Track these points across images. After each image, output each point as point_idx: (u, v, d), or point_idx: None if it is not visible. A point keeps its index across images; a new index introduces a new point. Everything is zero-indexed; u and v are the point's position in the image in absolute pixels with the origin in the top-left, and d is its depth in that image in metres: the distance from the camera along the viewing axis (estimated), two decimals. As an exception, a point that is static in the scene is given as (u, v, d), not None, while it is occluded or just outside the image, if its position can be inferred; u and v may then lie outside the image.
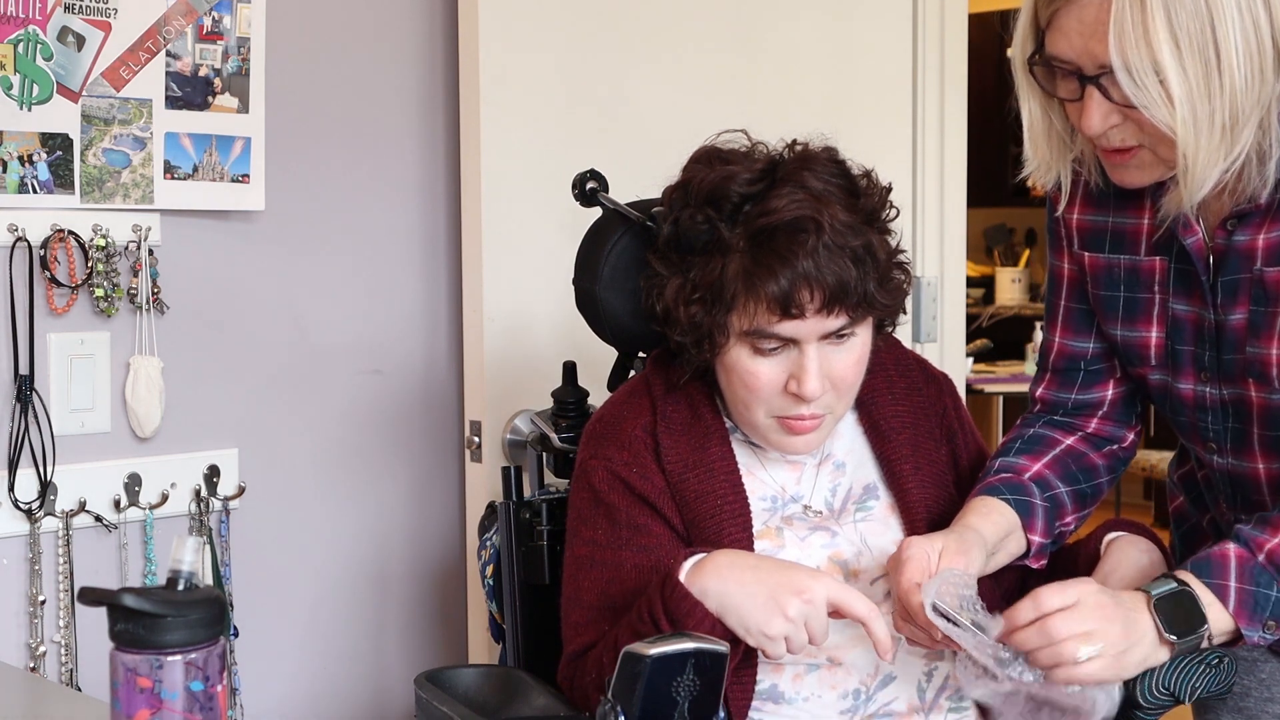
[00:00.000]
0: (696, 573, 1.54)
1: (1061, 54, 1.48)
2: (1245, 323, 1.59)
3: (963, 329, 3.01)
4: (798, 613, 1.50)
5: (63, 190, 1.99)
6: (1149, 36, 1.40)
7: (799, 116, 1.83)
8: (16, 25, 1.94)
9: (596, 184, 1.88)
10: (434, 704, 1.60)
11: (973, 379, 5.19)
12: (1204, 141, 1.43)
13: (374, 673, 2.38)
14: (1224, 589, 1.50)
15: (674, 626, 1.51)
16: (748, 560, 1.56)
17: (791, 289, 1.58)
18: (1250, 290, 1.58)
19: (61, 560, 2.04)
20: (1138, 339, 1.70)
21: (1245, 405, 1.64)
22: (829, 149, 1.69)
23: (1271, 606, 1.50)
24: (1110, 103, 1.46)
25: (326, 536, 2.32)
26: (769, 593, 1.51)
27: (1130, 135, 1.50)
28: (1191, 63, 1.40)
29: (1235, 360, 1.62)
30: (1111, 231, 1.69)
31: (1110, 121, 1.48)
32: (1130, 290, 1.69)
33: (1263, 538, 1.52)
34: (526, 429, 2.21)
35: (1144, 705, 1.70)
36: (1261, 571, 1.50)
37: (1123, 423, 1.80)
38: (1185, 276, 1.64)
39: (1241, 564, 1.51)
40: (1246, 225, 1.57)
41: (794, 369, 1.62)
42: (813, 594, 1.50)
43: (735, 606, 1.51)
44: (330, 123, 2.27)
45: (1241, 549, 1.52)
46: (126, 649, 1.18)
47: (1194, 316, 1.65)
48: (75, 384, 2.04)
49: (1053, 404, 1.81)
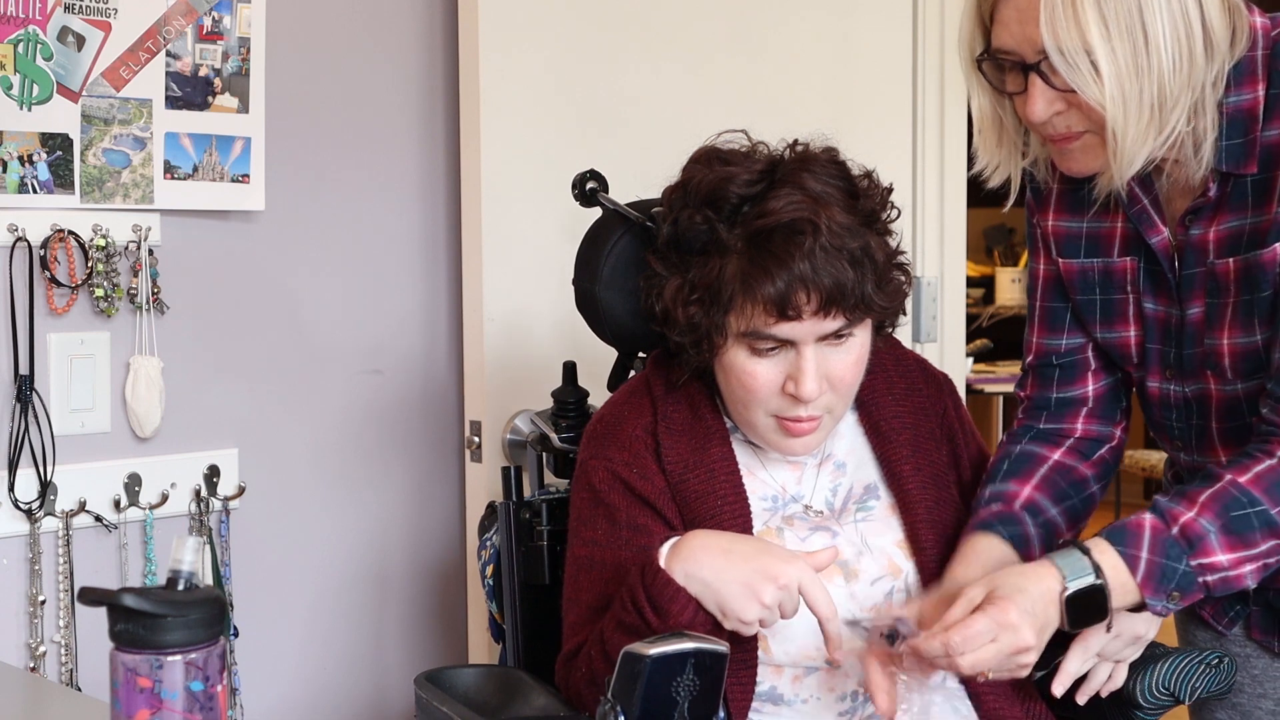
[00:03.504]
0: (674, 557, 1.55)
1: (1005, 45, 1.53)
2: (1202, 316, 1.63)
3: (963, 329, 3.01)
4: (773, 599, 1.51)
5: (63, 190, 1.99)
6: (1079, 18, 1.45)
7: (799, 116, 1.83)
8: (16, 25, 1.94)
9: (596, 184, 1.88)
10: (434, 704, 1.60)
11: (973, 379, 5.20)
12: (1132, 120, 1.48)
13: (374, 673, 2.38)
14: (1135, 559, 1.53)
15: (657, 614, 1.52)
16: (721, 542, 1.56)
17: (788, 291, 1.57)
18: (1206, 284, 1.62)
19: (61, 560, 2.04)
20: (1117, 339, 1.73)
21: (1206, 400, 1.67)
22: (829, 150, 1.69)
23: (1178, 579, 1.52)
24: (1052, 89, 1.51)
25: (326, 536, 2.32)
26: (745, 579, 1.51)
27: (1075, 121, 1.53)
28: (1120, 43, 1.46)
29: (1194, 354, 1.65)
30: (1086, 236, 1.73)
31: (1054, 108, 1.53)
32: (1105, 292, 1.72)
33: (1178, 510, 1.54)
34: (526, 429, 2.21)
35: (1144, 705, 1.71)
36: (1173, 544, 1.52)
37: (1109, 419, 1.81)
38: (1154, 276, 1.68)
39: (1155, 535, 1.53)
40: (1200, 219, 1.61)
41: (791, 370, 1.62)
42: (788, 580, 1.51)
43: (713, 592, 1.52)
44: (330, 123, 2.27)
45: (1157, 520, 1.54)
46: (126, 649, 1.18)
47: (1162, 315, 1.68)
48: (75, 384, 2.04)
49: (1037, 402, 1.82)
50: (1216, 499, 1.53)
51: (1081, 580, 1.52)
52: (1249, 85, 1.55)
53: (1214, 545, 1.51)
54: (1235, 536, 1.51)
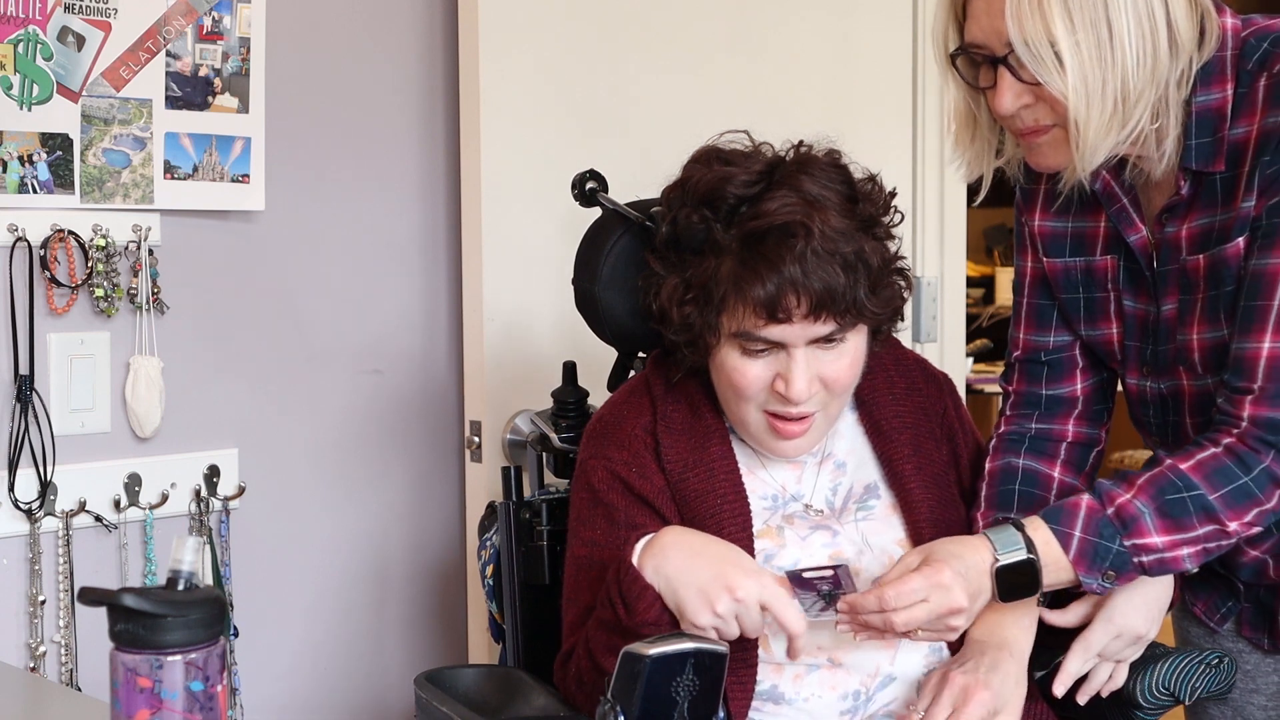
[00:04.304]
0: (646, 552, 1.56)
1: (975, 39, 1.55)
2: (1175, 312, 1.66)
3: (963, 329, 3.01)
4: (726, 609, 1.51)
5: (63, 190, 1.99)
6: (1044, 11, 1.48)
7: (799, 117, 1.84)
8: (16, 25, 1.94)
9: (596, 184, 1.88)
10: (434, 704, 1.60)
11: (973, 379, 5.19)
12: (1095, 112, 1.50)
13: (374, 673, 2.38)
14: (1068, 537, 1.56)
15: (626, 610, 1.53)
16: (692, 543, 1.57)
17: (778, 294, 1.57)
18: (1178, 280, 1.65)
19: (61, 560, 2.04)
20: (1101, 336, 1.75)
21: (1180, 396, 1.69)
22: (832, 153, 1.69)
23: (1112, 558, 1.55)
24: (1020, 83, 1.53)
25: (326, 536, 2.32)
26: (703, 585, 1.52)
27: (1042, 115, 1.55)
28: (1084, 36, 1.48)
29: (1167, 350, 1.68)
30: (1071, 236, 1.75)
31: (1021, 101, 1.55)
32: (1088, 290, 1.74)
33: (1116, 492, 1.57)
34: (526, 429, 2.21)
35: (1144, 705, 1.71)
36: (1107, 524, 1.55)
37: (1096, 421, 1.83)
38: (1133, 274, 1.70)
39: (1090, 515, 1.56)
40: (1175, 218, 1.64)
41: (782, 370, 1.63)
42: (745, 593, 1.51)
43: (673, 591, 1.53)
44: (330, 123, 2.27)
45: (1094, 501, 1.57)
46: (126, 649, 1.18)
47: (1141, 312, 1.71)
48: (75, 384, 2.04)
49: (1027, 398, 1.83)
50: (1153, 482, 1.56)
51: (1013, 554, 1.55)
52: (1218, 85, 1.58)
53: (1148, 527, 1.54)
54: (1170, 520, 1.54)
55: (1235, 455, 1.55)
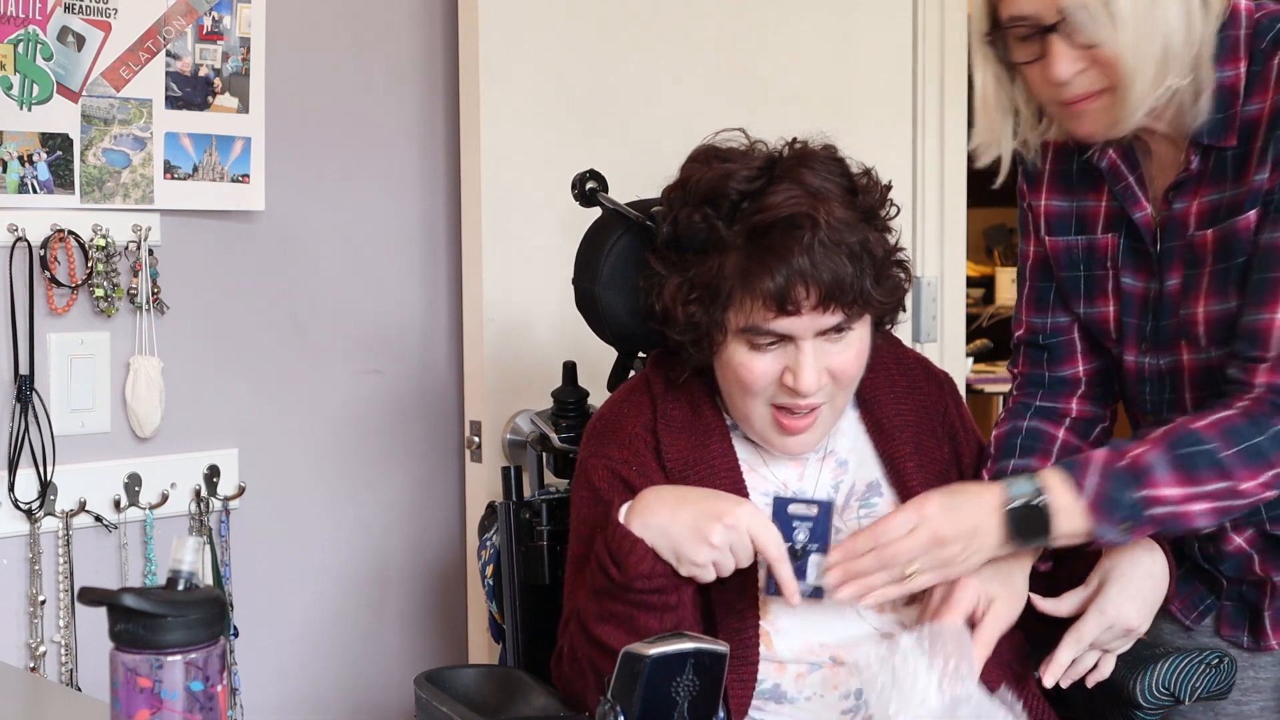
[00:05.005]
0: (631, 511, 1.57)
1: (1021, 12, 1.57)
2: (1179, 287, 1.68)
3: (963, 329, 3.01)
4: (722, 539, 1.53)
5: (63, 190, 1.99)
6: None
7: (799, 116, 1.83)
8: (16, 25, 1.94)
9: (596, 184, 1.88)
10: (434, 704, 1.60)
11: (973, 379, 5.19)
12: (1146, 68, 1.54)
13: (374, 673, 2.38)
14: (1081, 484, 1.56)
15: (618, 567, 1.54)
16: (674, 493, 1.59)
17: (787, 285, 1.58)
18: (1184, 255, 1.67)
19: (61, 560, 2.04)
20: (1098, 314, 1.78)
21: (1179, 371, 1.71)
22: (828, 147, 1.70)
23: (1125, 508, 1.55)
24: (1074, 49, 1.55)
25: (326, 536, 2.32)
26: (693, 521, 1.53)
27: (1095, 79, 1.57)
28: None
29: (1169, 325, 1.70)
30: (1076, 215, 1.78)
31: (1077, 67, 1.56)
32: (1088, 269, 1.77)
33: (1131, 446, 1.58)
34: (526, 429, 2.21)
35: (1144, 705, 1.71)
36: (1121, 474, 1.56)
37: (1101, 401, 1.85)
38: (1135, 252, 1.73)
39: (1105, 465, 1.56)
40: (1183, 194, 1.66)
41: (790, 363, 1.63)
42: (735, 518, 1.53)
43: (667, 537, 1.54)
44: (330, 123, 2.27)
45: (1110, 452, 1.58)
46: (126, 649, 1.18)
47: (1140, 290, 1.73)
48: (75, 384, 2.04)
49: (1031, 378, 1.86)
50: (1167, 436, 1.57)
51: (1025, 496, 1.56)
52: (1231, 63, 1.61)
53: (1161, 478, 1.55)
54: (1183, 472, 1.55)
55: (1250, 417, 1.56)
